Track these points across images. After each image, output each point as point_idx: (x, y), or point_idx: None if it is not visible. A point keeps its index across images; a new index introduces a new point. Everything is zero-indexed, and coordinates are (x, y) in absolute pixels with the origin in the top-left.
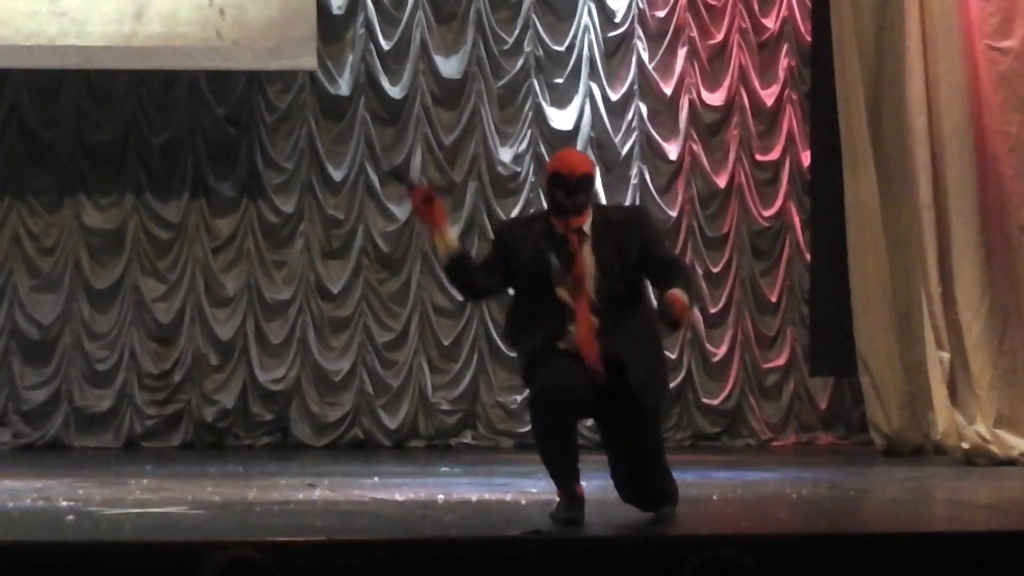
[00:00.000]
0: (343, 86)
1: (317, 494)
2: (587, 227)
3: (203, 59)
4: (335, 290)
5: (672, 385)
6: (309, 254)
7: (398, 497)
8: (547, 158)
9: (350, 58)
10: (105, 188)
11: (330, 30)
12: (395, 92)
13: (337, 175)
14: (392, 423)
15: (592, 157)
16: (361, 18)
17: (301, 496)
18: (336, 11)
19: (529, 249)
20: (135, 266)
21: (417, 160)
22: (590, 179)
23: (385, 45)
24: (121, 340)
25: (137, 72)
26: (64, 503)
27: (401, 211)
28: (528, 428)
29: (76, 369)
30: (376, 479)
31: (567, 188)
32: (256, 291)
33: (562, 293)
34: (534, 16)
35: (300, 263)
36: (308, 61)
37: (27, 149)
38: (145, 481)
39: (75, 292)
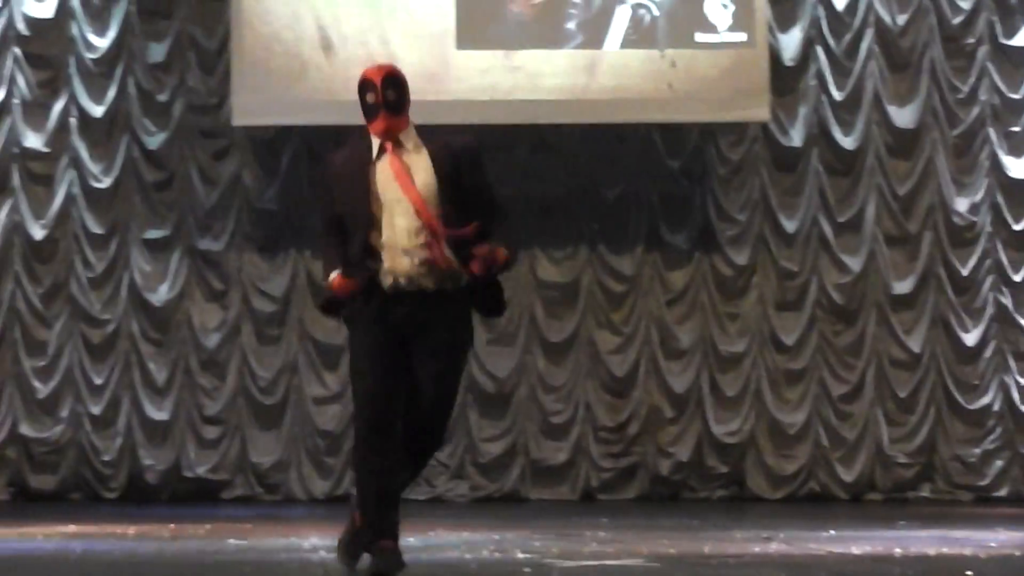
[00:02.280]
0: (795, 137)
1: (773, 547)
2: (408, 139)
3: (654, 111)
4: (789, 342)
5: None
6: (763, 306)
7: (855, 551)
8: (1005, 208)
9: (802, 109)
10: (559, 242)
11: (782, 81)
12: (848, 143)
13: (790, 227)
14: (848, 476)
15: None
16: (813, 69)
17: (757, 549)
18: (788, 62)
19: (352, 176)
20: (589, 319)
21: (871, 211)
22: (397, 77)
23: (837, 96)
24: (576, 393)
25: (589, 125)
26: (520, 555)
27: (855, 262)
28: (985, 482)
29: (532, 422)
30: (832, 532)
31: (374, 88)
32: (710, 343)
33: (377, 211)
34: (989, 64)
35: (754, 315)
36: (761, 113)
37: None
38: (601, 534)
39: (530, 345)
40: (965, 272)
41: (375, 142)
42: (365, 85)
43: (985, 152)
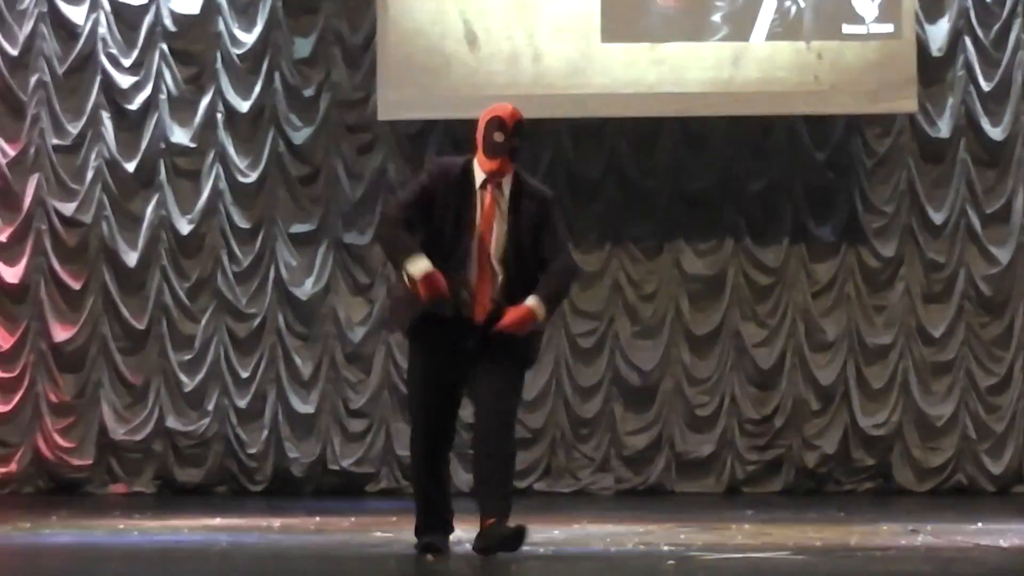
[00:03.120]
0: (943, 128)
1: (919, 540)
2: (507, 185)
3: (800, 104)
4: (936, 334)
5: None
6: (910, 298)
7: (1002, 543)
8: None
9: (950, 100)
10: (704, 234)
11: (929, 72)
12: (996, 134)
13: (938, 218)
14: (996, 468)
15: None
16: (961, 60)
17: (903, 542)
18: (936, 53)
19: (450, 194)
20: (735, 311)
21: (1019, 202)
22: (524, 127)
23: (985, 86)
24: (722, 385)
25: (734, 118)
26: (665, 547)
27: (1003, 254)
28: None
29: (677, 414)
30: (980, 525)
31: (505, 130)
32: (856, 336)
33: (469, 242)
34: None
35: (900, 307)
36: (908, 104)
37: (626, 197)
38: (746, 526)
39: (675, 338)
40: None
41: (479, 175)
42: (496, 123)
43: None
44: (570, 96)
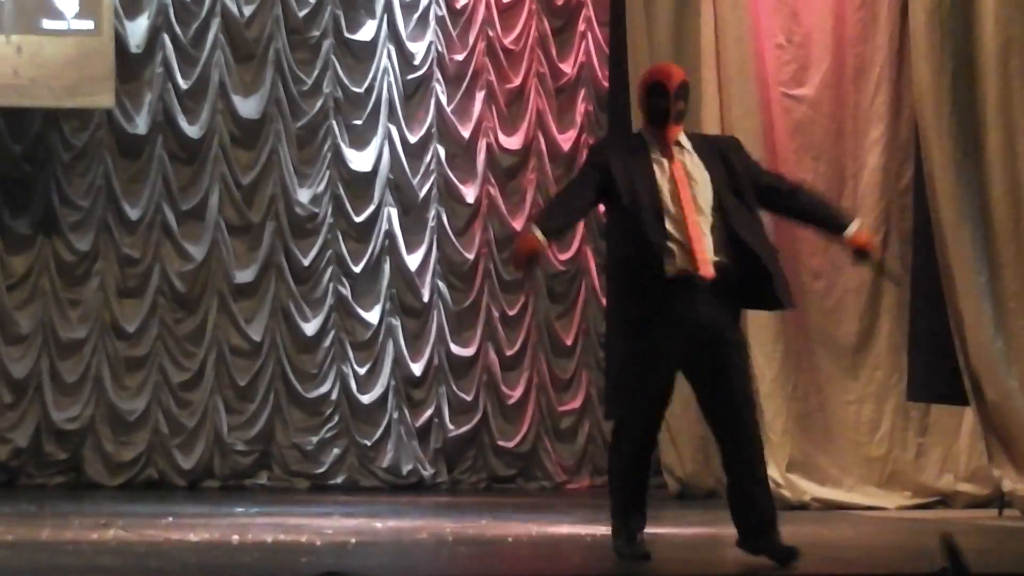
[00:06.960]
0: (140, 125)
1: (111, 534)
2: (684, 140)
3: None
4: (130, 329)
5: (467, 427)
6: (104, 293)
7: (192, 537)
8: (345, 200)
9: (148, 97)
10: None
11: (128, 68)
12: (193, 131)
13: (133, 214)
14: (187, 463)
15: None
16: (159, 57)
17: (95, 536)
18: (134, 50)
19: (630, 167)
20: None
21: (214, 199)
22: (687, 87)
23: (183, 84)
24: None
25: None
26: None
27: (198, 251)
28: (322, 470)
29: None
30: (170, 519)
31: (666, 95)
32: (51, 329)
33: (670, 208)
34: (333, 57)
35: (95, 302)
36: (105, 99)
37: None
38: None
39: None
40: (306, 262)
41: (654, 143)
42: (656, 89)
43: (328, 144)
44: None
